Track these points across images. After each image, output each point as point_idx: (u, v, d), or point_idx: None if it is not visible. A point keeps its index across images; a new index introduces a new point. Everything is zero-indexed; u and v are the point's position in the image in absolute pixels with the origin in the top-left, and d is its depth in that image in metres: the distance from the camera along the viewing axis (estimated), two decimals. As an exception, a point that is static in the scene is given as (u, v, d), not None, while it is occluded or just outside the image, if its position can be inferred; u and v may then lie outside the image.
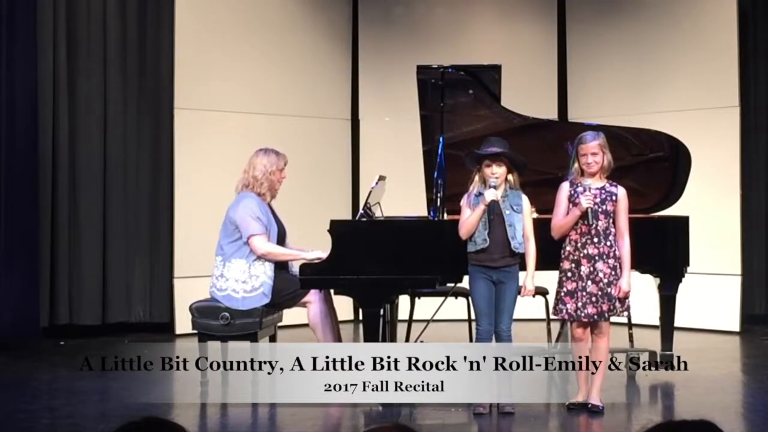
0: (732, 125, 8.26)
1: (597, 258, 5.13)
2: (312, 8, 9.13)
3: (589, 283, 5.13)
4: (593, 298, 5.13)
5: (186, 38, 8.31)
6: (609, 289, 5.13)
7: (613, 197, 5.17)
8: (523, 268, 5.18)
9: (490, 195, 5.06)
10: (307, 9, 9.10)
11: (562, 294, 5.19)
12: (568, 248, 5.19)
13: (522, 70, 8.88)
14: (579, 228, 5.16)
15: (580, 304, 5.13)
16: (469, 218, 5.10)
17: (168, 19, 8.34)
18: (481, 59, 7.43)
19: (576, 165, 5.22)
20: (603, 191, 5.18)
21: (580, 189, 5.16)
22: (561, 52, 9.35)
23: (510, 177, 5.16)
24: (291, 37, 8.90)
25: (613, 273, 5.14)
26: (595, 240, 5.14)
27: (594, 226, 5.13)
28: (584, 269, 5.14)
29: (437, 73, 5.96)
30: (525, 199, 5.19)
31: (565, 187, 5.22)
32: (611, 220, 5.18)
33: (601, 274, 5.12)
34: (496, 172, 5.11)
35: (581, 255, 5.15)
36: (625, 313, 5.30)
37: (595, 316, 5.13)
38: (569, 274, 5.18)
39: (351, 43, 9.37)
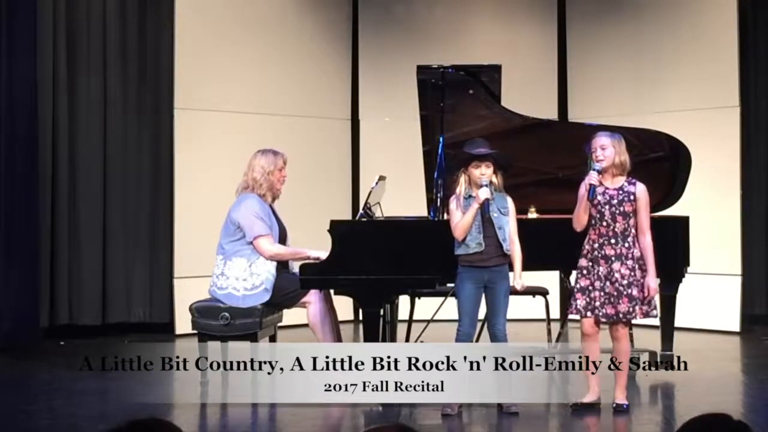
0: (732, 125, 8.25)
1: (614, 259, 5.12)
2: (312, 8, 9.13)
3: (607, 283, 5.13)
4: (611, 299, 5.12)
5: (186, 38, 8.31)
6: (630, 290, 5.11)
7: (631, 197, 5.15)
8: (511, 268, 5.19)
9: (483, 193, 5.07)
10: (307, 9, 9.10)
11: (575, 290, 5.21)
12: (587, 246, 5.20)
13: (522, 70, 8.87)
14: (598, 228, 5.16)
15: (598, 303, 5.13)
16: (464, 219, 5.10)
17: (168, 20, 8.34)
18: (481, 59, 7.42)
19: (591, 164, 5.22)
20: (621, 192, 5.16)
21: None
22: (561, 52, 9.35)
23: (494, 179, 5.17)
24: (291, 38, 8.90)
25: (632, 274, 5.12)
26: (612, 241, 5.14)
27: (596, 204, 5.10)
28: (602, 270, 5.14)
29: (437, 73, 5.96)
30: (510, 201, 5.21)
31: (583, 184, 5.21)
32: (630, 221, 5.16)
33: (617, 275, 5.11)
34: (486, 172, 5.12)
35: (599, 255, 5.15)
36: (654, 312, 5.26)
37: (613, 317, 5.13)
38: (584, 272, 5.18)
39: (351, 43, 9.37)
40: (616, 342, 5.20)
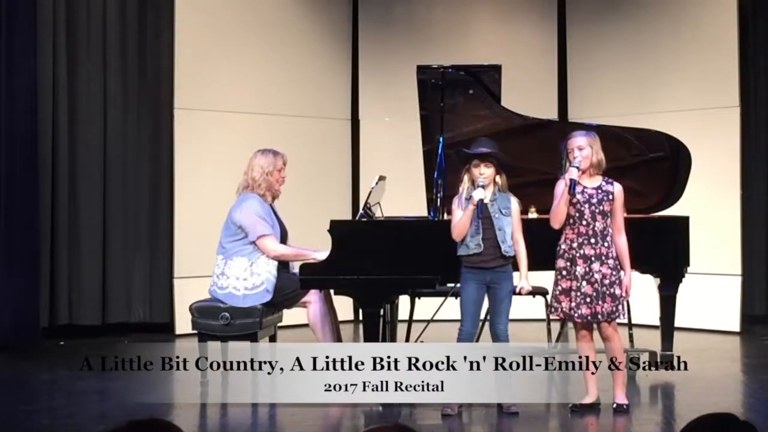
0: (732, 125, 8.25)
1: (594, 259, 5.10)
2: (312, 8, 9.13)
3: (584, 283, 5.10)
4: (587, 299, 5.10)
5: (186, 38, 8.31)
6: (612, 290, 5.10)
7: (610, 196, 5.14)
8: (516, 268, 5.18)
9: (478, 194, 5.05)
10: (307, 9, 9.10)
11: (557, 293, 5.17)
12: (563, 246, 5.16)
13: (522, 70, 8.88)
14: (577, 227, 5.14)
15: (573, 304, 5.12)
16: (461, 220, 5.09)
17: (168, 20, 8.34)
18: (481, 59, 7.42)
19: (567, 164, 5.20)
20: (599, 191, 5.15)
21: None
22: (561, 52, 9.35)
23: (498, 179, 5.15)
24: (291, 38, 8.90)
25: (614, 273, 5.10)
26: (592, 241, 5.11)
27: (575, 202, 5.08)
28: (579, 269, 5.10)
29: (437, 73, 5.96)
30: (514, 202, 5.18)
31: (560, 183, 5.18)
32: (608, 220, 5.14)
33: (597, 275, 5.08)
34: (485, 172, 5.10)
35: (577, 255, 5.11)
36: (623, 315, 5.25)
37: (589, 317, 5.11)
38: (564, 273, 5.15)
39: (351, 43, 9.37)
40: (607, 342, 5.17)
